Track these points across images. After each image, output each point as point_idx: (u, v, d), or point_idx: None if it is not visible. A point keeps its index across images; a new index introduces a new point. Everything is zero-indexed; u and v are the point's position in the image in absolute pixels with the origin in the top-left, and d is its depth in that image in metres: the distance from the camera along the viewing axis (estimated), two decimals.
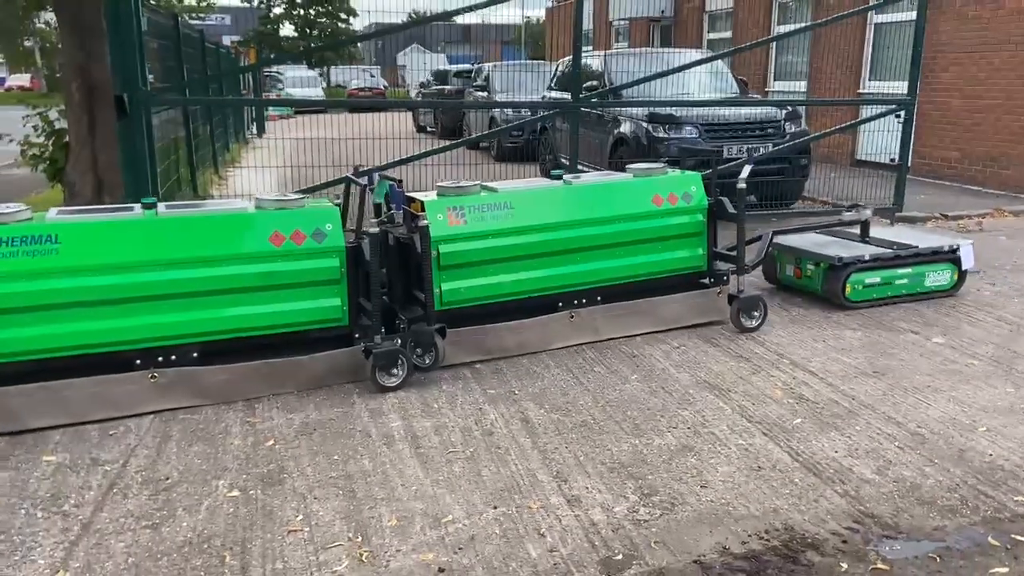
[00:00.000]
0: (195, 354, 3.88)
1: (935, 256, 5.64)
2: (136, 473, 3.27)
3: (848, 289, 5.39)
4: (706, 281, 5.10)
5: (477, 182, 4.63)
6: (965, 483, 3.17)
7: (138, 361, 3.78)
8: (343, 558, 2.70)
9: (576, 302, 4.69)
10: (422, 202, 4.33)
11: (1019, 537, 2.80)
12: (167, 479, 3.23)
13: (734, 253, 4.99)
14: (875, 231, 5.91)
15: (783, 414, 3.83)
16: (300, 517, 2.94)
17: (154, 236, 3.80)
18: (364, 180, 4.26)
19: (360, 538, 2.81)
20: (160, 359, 3.82)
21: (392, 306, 4.44)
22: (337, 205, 4.23)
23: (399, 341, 4.15)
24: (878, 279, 5.46)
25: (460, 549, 2.75)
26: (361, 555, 2.71)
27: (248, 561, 2.69)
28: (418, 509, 3.00)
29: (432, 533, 2.84)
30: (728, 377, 4.29)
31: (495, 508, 3.00)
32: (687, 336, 4.90)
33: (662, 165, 5.26)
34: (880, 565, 2.66)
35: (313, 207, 4.11)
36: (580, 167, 7.25)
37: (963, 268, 5.73)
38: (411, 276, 4.44)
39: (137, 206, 3.97)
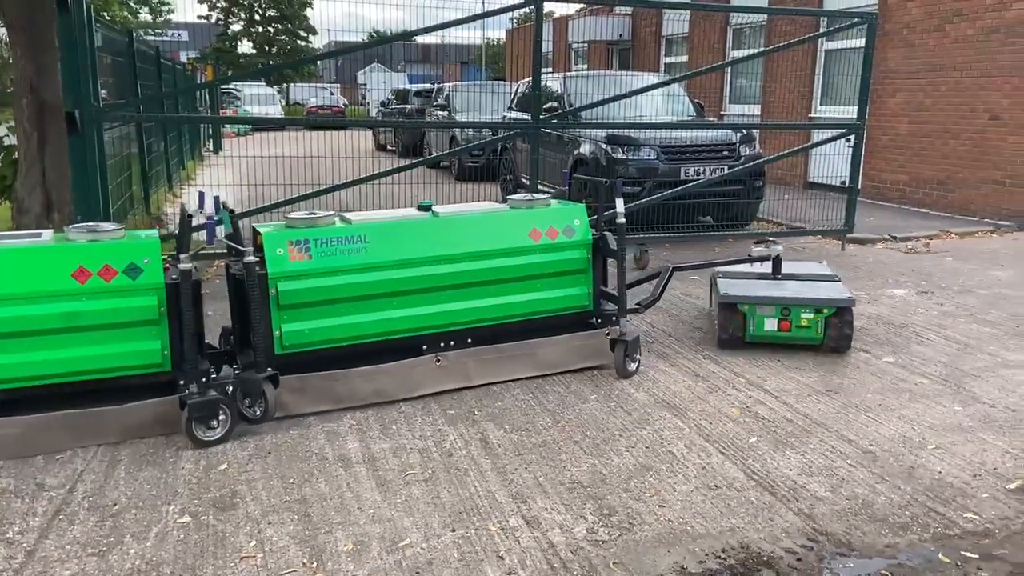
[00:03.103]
0: None
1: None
2: (83, 499, 3.18)
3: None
4: (594, 322, 4.74)
5: (334, 212, 4.27)
6: (916, 500, 3.24)
7: None
8: None
9: (443, 345, 4.28)
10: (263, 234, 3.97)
11: (969, 554, 2.86)
12: (115, 505, 3.14)
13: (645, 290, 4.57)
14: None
15: (739, 433, 3.87)
16: (253, 543, 2.88)
17: None
18: (196, 207, 3.86)
19: (315, 563, 2.76)
20: None
21: (231, 350, 4.14)
22: (168, 236, 3.90)
23: (230, 389, 3.80)
24: None
25: (417, 573, 2.71)
26: None
27: None
28: (375, 533, 2.96)
29: (389, 558, 2.80)
30: (685, 396, 4.33)
31: (453, 531, 2.97)
32: (644, 356, 4.93)
33: (545, 196, 4.84)
34: None
35: (130, 239, 3.71)
36: (540, 187, 7.30)
37: None
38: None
39: None
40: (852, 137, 8.48)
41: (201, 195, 4.01)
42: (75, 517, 3.05)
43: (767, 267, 5.39)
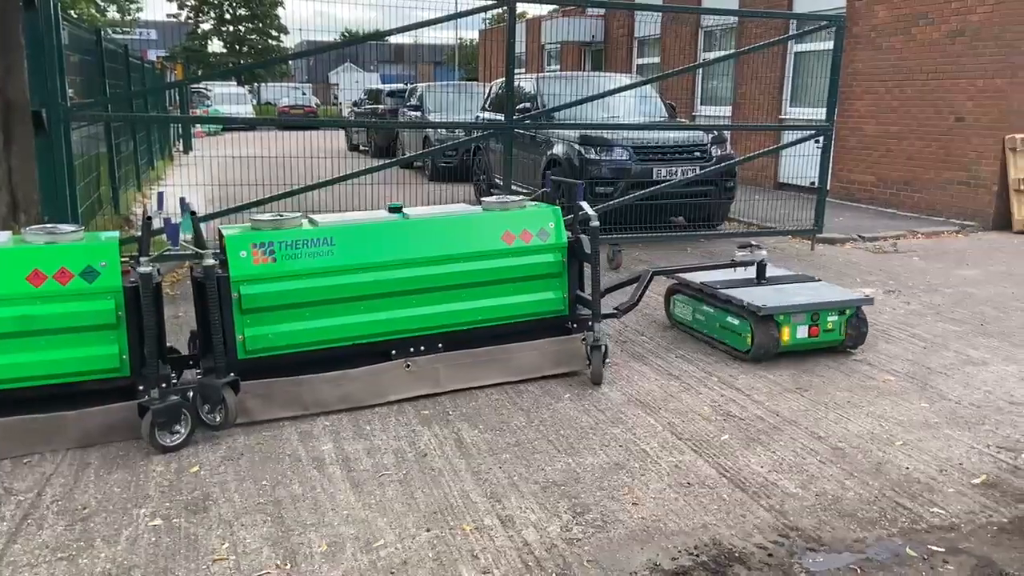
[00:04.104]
0: None
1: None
2: (52, 503, 3.13)
3: None
4: (570, 326, 4.64)
5: (300, 214, 4.22)
6: (883, 495, 3.29)
7: None
8: None
9: (413, 350, 4.21)
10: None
11: (935, 548, 2.91)
12: (84, 508, 3.10)
13: (624, 295, 4.50)
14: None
15: (711, 431, 3.91)
16: (226, 545, 2.86)
17: None
18: (156, 209, 3.76)
19: (289, 565, 2.75)
20: None
21: (196, 354, 4.07)
22: (133, 238, 3.85)
23: (191, 394, 3.72)
24: None
25: (392, 573, 2.71)
26: None
27: None
28: (349, 534, 2.95)
29: (363, 558, 2.80)
30: (658, 395, 4.36)
31: (428, 531, 2.98)
32: (616, 355, 4.97)
33: (520, 198, 4.77)
34: None
35: (87, 241, 3.61)
36: (515, 188, 7.31)
37: None
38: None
39: None
40: (821, 138, 8.59)
41: (160, 196, 3.94)
42: (44, 521, 3.00)
43: (730, 272, 5.45)
